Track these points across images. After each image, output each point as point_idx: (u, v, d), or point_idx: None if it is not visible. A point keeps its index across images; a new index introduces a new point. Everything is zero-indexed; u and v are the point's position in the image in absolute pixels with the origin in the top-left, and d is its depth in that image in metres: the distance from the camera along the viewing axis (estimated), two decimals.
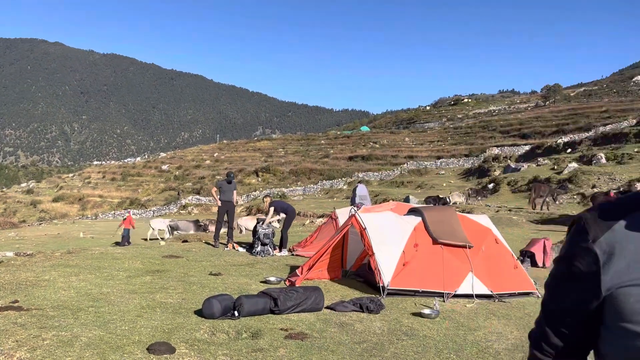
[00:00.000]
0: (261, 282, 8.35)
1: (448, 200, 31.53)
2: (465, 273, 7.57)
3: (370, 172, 72.99)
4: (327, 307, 6.64)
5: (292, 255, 11.77)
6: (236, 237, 15.37)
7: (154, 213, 62.52)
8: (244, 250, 12.27)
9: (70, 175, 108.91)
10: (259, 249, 11.55)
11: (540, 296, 7.77)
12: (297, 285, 7.75)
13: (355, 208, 11.77)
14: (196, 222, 21.82)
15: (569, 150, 51.00)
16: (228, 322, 5.75)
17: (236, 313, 5.99)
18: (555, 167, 41.31)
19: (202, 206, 62.04)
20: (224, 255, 11.54)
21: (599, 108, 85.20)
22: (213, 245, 12.97)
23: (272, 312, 6.23)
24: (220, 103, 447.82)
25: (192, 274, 8.89)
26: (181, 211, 60.47)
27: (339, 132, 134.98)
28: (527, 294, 7.82)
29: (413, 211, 8.52)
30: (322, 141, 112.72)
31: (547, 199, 25.79)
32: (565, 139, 61.05)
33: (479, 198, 32.58)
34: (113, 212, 67.43)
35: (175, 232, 20.40)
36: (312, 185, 69.66)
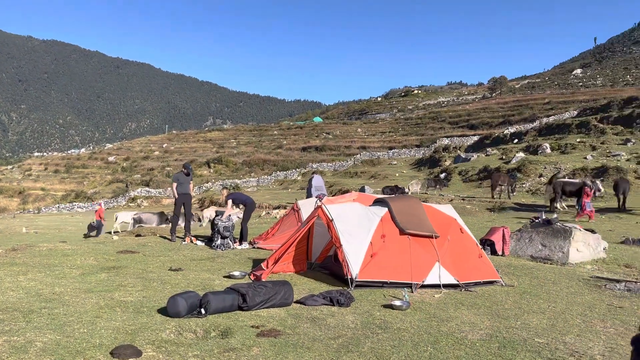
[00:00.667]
0: (225, 277, 8.08)
1: (407, 190, 32.01)
2: (432, 263, 7.57)
3: (324, 162, 73.13)
4: (297, 302, 6.47)
5: (254, 248, 11.50)
6: (194, 230, 14.93)
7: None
8: (203, 243, 11.90)
9: (9, 167, 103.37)
10: (218, 242, 11.22)
11: (504, 284, 7.88)
12: (263, 280, 7.53)
13: (318, 199, 11.63)
14: (161, 215, 20.97)
15: (516, 140, 52.76)
16: (195, 321, 5.48)
17: (203, 311, 5.72)
18: (504, 156, 42.66)
19: (151, 198, 60.34)
20: (182, 249, 11.15)
21: (542, 100, 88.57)
22: (170, 239, 12.52)
23: (241, 308, 5.99)
24: (169, 92, 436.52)
25: (150, 270, 8.50)
26: (130, 204, 58.60)
27: (291, 123, 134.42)
28: (492, 282, 7.91)
29: (379, 202, 8.45)
30: (275, 132, 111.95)
31: (507, 188, 26.64)
32: (512, 129, 63.15)
33: (439, 187, 33.18)
34: (57, 205, 64.59)
35: (138, 225, 19.65)
36: (265, 177, 69.14)
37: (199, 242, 11.97)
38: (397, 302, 6.36)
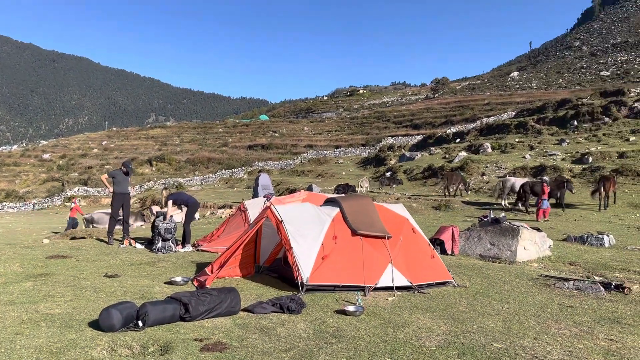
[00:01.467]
0: (166, 283, 7.52)
1: (358, 188, 32.08)
2: (385, 265, 7.34)
3: (271, 161, 72.44)
4: (244, 310, 6.04)
5: (197, 250, 10.93)
6: (137, 232, 14.11)
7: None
8: (143, 246, 11.20)
9: None
10: (159, 245, 10.58)
11: (456, 285, 7.76)
12: (207, 286, 7.05)
13: (266, 199, 11.20)
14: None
15: (458, 140, 54.09)
16: (131, 335, 4.96)
17: (140, 323, 5.19)
18: (447, 155, 43.57)
19: (90, 198, 57.68)
20: (120, 253, 10.43)
21: (482, 101, 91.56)
22: (107, 242, 11.73)
23: (183, 319, 5.50)
24: (109, 88, 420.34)
25: (83, 277, 7.81)
26: (66, 203, 55.72)
27: (237, 121, 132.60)
28: (444, 283, 7.78)
29: (330, 201, 8.14)
30: (220, 129, 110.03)
31: (459, 187, 27.09)
32: (454, 129, 64.79)
33: (393, 185, 33.35)
34: None
35: (92, 226, 18.41)
36: (210, 175, 67.65)
37: (138, 245, 11.26)
38: (351, 308, 6.07)
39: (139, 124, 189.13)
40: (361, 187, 32.93)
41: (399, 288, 7.27)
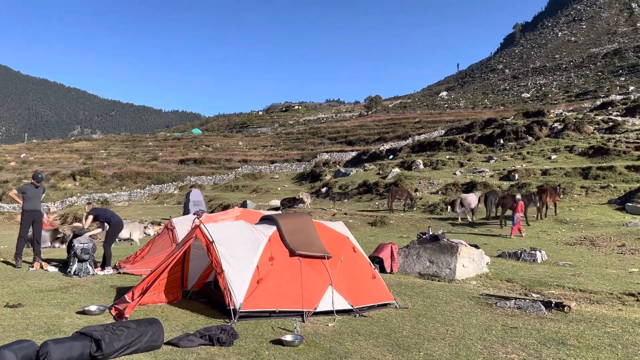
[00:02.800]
0: (78, 313, 6.64)
1: (304, 201, 31.64)
2: (325, 287, 6.86)
3: (204, 175, 70.58)
4: (168, 343, 5.34)
5: (119, 273, 9.96)
6: (48, 252, 12.79)
7: None
8: (56, 269, 10.09)
9: None
10: (75, 267, 9.54)
11: (398, 306, 7.41)
12: (127, 315, 6.26)
13: (197, 216, 10.44)
14: (55, 232, 17.58)
15: (391, 156, 55.04)
16: None
17: None
18: (381, 171, 44.10)
19: (4, 214, 53.47)
20: (29, 277, 9.30)
21: (414, 119, 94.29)
22: (14, 265, 10.49)
23: (94, 358, 4.74)
24: (30, 98, 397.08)
25: None
26: None
27: (169, 134, 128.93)
28: (386, 305, 7.40)
29: (266, 219, 7.58)
30: (150, 143, 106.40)
31: (407, 202, 27.38)
32: (387, 146, 66.00)
33: (344, 200, 33.02)
34: None
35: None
36: (139, 190, 64.86)
37: (50, 268, 10.13)
38: (289, 337, 5.52)
39: (62, 137, 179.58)
40: (304, 200, 32.41)
41: (339, 312, 6.81)
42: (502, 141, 44.58)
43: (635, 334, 6.14)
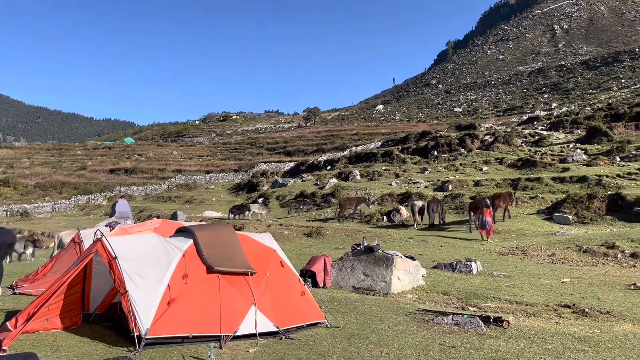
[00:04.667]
0: None
1: (250, 209, 30.59)
2: (247, 307, 6.13)
3: (135, 186, 67.66)
4: None
5: (14, 294, 8.73)
6: None
7: None
8: None
9: None
10: None
11: (329, 325, 6.78)
12: (5, 347, 5.24)
13: (109, 228, 9.40)
14: (31, 237, 15.20)
15: (329, 167, 54.92)
16: None
17: None
18: (318, 182, 43.76)
19: None
20: None
21: (351, 131, 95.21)
22: None
23: None
24: None
25: None
26: None
27: (99, 143, 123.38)
28: (316, 324, 6.75)
29: (182, 232, 6.76)
30: (79, 152, 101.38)
31: (356, 211, 27.21)
32: (325, 157, 65.99)
33: (303, 208, 32.05)
34: None
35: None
36: (64, 201, 61.18)
37: None
38: None
39: None
40: (254, 212, 31.15)
41: (263, 335, 6.09)
42: (436, 153, 45.48)
43: (576, 350, 5.82)
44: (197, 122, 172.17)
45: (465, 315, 7.01)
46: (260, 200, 38.36)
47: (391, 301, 8.65)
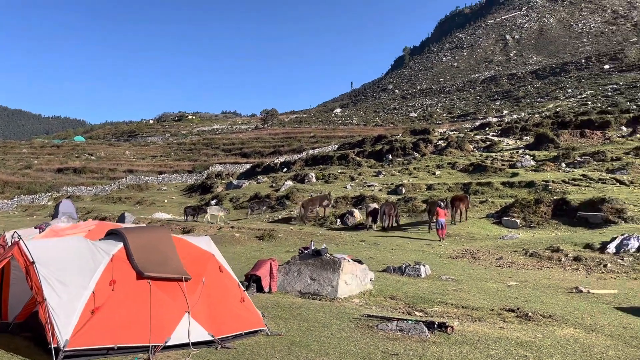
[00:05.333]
0: None
1: (219, 207, 29.68)
2: (180, 315, 5.76)
3: (83, 186, 65.24)
4: None
5: None
6: None
7: None
8: None
9: None
10: None
11: (270, 333, 6.48)
12: None
13: (39, 230, 8.77)
14: None
15: (285, 169, 54.57)
16: None
17: None
18: (274, 184, 43.34)
19: None
20: None
21: (309, 133, 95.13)
22: None
23: None
24: None
25: None
26: None
27: (47, 141, 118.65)
28: (256, 332, 6.45)
29: (112, 234, 6.31)
30: (25, 150, 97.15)
31: (317, 209, 27.36)
32: (282, 159, 65.61)
33: (262, 209, 31.32)
34: None
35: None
36: (6, 201, 58.34)
37: None
38: None
39: None
40: (213, 214, 30.17)
41: (197, 344, 5.74)
42: (390, 157, 45.89)
43: (518, 356, 5.75)
44: (151, 122, 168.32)
45: (409, 321, 6.87)
46: (213, 202, 37.60)
47: (337, 306, 8.44)
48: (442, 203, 20.74)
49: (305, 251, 10.03)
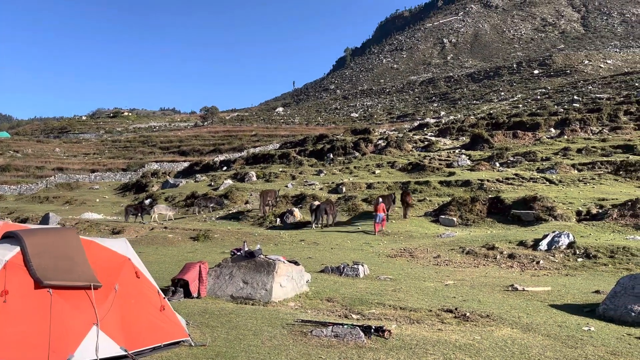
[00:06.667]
0: None
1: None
2: (87, 328, 5.07)
3: (7, 185, 61.30)
4: None
5: None
6: None
7: None
8: None
9: None
10: None
11: (193, 344, 5.90)
12: None
13: None
14: None
15: (225, 168, 53.41)
16: None
17: None
18: (213, 183, 42.23)
19: None
20: None
21: (250, 132, 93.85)
22: None
23: None
24: None
25: None
26: None
27: None
28: (177, 343, 5.84)
29: (9, 237, 5.51)
30: None
31: (271, 202, 27.56)
32: (222, 157, 64.25)
33: (210, 206, 29.96)
34: None
35: None
36: None
37: None
38: None
39: None
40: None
41: None
42: (332, 156, 45.84)
43: None
44: (84, 118, 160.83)
45: (345, 326, 6.48)
46: (147, 201, 36.03)
47: (270, 311, 7.93)
48: (379, 199, 21.42)
49: (238, 253, 9.46)
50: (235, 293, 8.81)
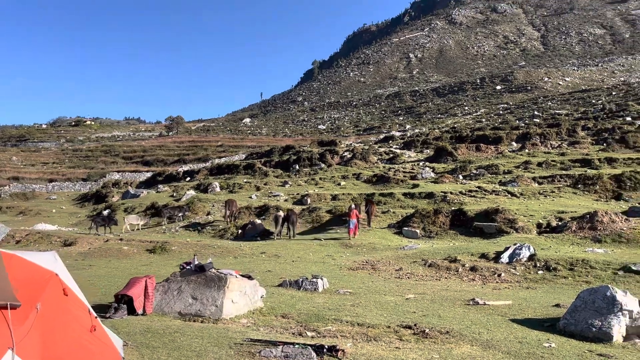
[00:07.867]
0: None
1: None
2: (1, 353, 4.50)
3: None
4: None
5: None
6: None
7: None
8: None
9: None
10: None
11: None
12: None
13: None
14: None
15: (188, 178, 52.34)
16: None
17: None
18: (175, 193, 41.21)
19: None
20: None
21: (216, 142, 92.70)
22: None
23: None
24: None
25: None
26: None
27: None
28: None
29: None
30: None
31: (235, 213, 27.66)
32: (186, 167, 63.09)
33: (180, 215, 28.99)
34: None
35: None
36: None
37: None
38: None
39: None
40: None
41: None
42: (297, 167, 45.46)
43: None
44: (44, 126, 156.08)
45: (297, 345, 6.06)
46: (105, 212, 34.78)
47: (220, 329, 7.44)
48: (352, 206, 22.41)
49: (188, 267, 8.93)
50: (183, 310, 8.28)
